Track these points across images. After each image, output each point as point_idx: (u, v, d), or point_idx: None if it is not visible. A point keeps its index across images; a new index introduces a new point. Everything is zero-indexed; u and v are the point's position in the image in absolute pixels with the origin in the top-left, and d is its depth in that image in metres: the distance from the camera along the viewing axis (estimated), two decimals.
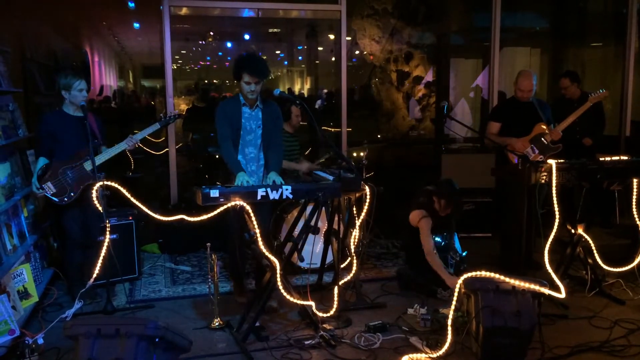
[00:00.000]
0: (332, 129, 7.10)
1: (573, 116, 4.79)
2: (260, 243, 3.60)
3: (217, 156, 6.70)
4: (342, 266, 4.26)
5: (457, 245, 4.57)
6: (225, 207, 3.55)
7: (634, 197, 4.49)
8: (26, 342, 3.42)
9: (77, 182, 4.12)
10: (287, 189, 3.65)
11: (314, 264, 4.68)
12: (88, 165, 4.11)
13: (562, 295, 4.01)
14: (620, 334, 3.77)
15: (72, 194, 4.11)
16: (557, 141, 4.76)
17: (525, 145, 4.72)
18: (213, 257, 3.91)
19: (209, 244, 4.00)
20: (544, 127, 4.75)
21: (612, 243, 5.71)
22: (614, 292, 4.46)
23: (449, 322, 3.47)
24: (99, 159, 4.14)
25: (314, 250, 4.70)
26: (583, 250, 4.47)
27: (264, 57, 4.08)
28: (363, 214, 4.32)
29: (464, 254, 4.58)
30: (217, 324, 3.91)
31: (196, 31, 12.07)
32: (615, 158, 4.39)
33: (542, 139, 4.72)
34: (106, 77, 12.71)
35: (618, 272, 4.64)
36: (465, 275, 3.50)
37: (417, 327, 3.86)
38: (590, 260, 4.48)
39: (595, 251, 4.51)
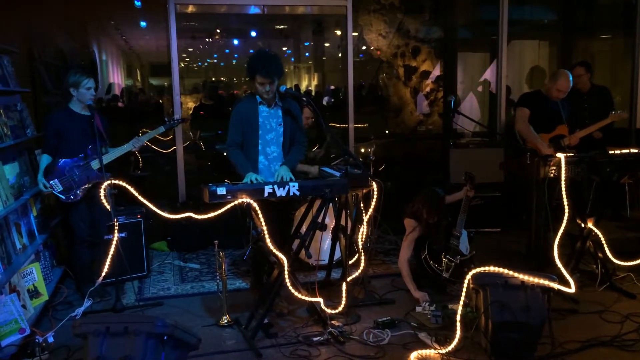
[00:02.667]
0: (339, 125, 7.08)
1: (594, 127, 4.80)
2: (268, 240, 3.60)
3: (224, 154, 6.70)
4: (350, 262, 4.25)
5: (464, 245, 4.52)
6: (232, 204, 3.54)
7: None
8: (36, 340, 3.45)
9: (84, 181, 4.15)
10: (294, 186, 3.64)
11: (322, 261, 4.68)
12: (95, 164, 4.14)
13: (572, 290, 3.98)
14: (631, 328, 3.75)
15: (78, 192, 4.14)
16: (572, 146, 4.74)
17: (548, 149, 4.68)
18: (221, 254, 3.92)
19: (216, 241, 4.01)
20: (565, 130, 4.74)
21: (622, 236, 5.66)
22: (624, 286, 4.43)
23: (458, 317, 3.46)
24: (106, 159, 4.16)
25: (322, 246, 4.70)
26: (593, 244, 4.43)
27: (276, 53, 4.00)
28: (371, 209, 4.30)
29: (468, 254, 4.51)
30: (225, 321, 3.92)
31: (203, 29, 12.09)
32: (625, 151, 4.36)
33: (560, 141, 4.72)
34: (114, 76, 12.75)
35: (629, 265, 4.62)
36: (473, 271, 3.48)
37: (429, 324, 3.85)
38: (600, 254, 4.45)
39: (605, 245, 4.47)
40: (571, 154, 4.24)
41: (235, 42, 13.71)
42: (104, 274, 4.06)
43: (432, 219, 4.38)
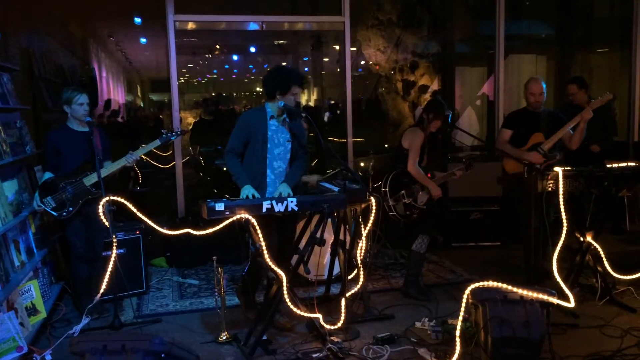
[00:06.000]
0: (338, 139, 7.10)
1: (571, 123, 4.68)
2: (266, 256, 3.59)
3: (224, 169, 6.71)
4: (349, 277, 4.24)
5: (424, 198, 4.58)
6: (230, 220, 3.55)
7: None
8: (34, 358, 3.44)
9: (76, 197, 4.15)
10: (292, 201, 3.64)
11: (321, 276, 4.67)
12: (87, 181, 4.14)
13: (571, 304, 3.96)
14: (632, 342, 3.72)
15: (70, 208, 4.14)
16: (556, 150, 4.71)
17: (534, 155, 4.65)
18: (219, 270, 3.91)
19: (215, 257, 4.00)
20: (541, 137, 4.72)
21: (623, 250, 5.65)
22: (625, 300, 4.41)
23: (458, 333, 3.44)
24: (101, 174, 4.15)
25: (320, 261, 4.69)
26: (592, 258, 4.42)
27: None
28: (369, 224, 4.30)
29: (419, 205, 4.57)
30: (224, 337, 3.90)
31: (203, 45, 12.19)
32: (623, 164, 4.36)
33: (539, 148, 4.68)
34: (114, 92, 12.82)
35: (629, 279, 4.59)
36: (473, 285, 3.47)
37: (429, 339, 3.83)
38: (600, 268, 4.43)
39: (604, 259, 4.46)
40: (569, 168, 4.23)
41: (235, 57, 13.81)
42: (102, 290, 4.05)
43: (436, 124, 4.52)
